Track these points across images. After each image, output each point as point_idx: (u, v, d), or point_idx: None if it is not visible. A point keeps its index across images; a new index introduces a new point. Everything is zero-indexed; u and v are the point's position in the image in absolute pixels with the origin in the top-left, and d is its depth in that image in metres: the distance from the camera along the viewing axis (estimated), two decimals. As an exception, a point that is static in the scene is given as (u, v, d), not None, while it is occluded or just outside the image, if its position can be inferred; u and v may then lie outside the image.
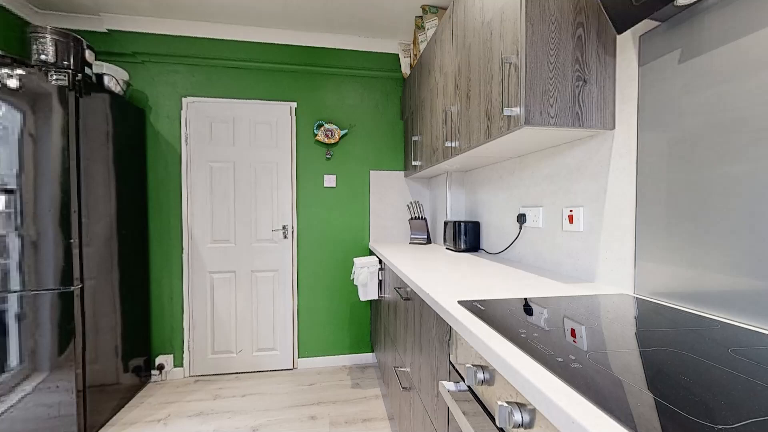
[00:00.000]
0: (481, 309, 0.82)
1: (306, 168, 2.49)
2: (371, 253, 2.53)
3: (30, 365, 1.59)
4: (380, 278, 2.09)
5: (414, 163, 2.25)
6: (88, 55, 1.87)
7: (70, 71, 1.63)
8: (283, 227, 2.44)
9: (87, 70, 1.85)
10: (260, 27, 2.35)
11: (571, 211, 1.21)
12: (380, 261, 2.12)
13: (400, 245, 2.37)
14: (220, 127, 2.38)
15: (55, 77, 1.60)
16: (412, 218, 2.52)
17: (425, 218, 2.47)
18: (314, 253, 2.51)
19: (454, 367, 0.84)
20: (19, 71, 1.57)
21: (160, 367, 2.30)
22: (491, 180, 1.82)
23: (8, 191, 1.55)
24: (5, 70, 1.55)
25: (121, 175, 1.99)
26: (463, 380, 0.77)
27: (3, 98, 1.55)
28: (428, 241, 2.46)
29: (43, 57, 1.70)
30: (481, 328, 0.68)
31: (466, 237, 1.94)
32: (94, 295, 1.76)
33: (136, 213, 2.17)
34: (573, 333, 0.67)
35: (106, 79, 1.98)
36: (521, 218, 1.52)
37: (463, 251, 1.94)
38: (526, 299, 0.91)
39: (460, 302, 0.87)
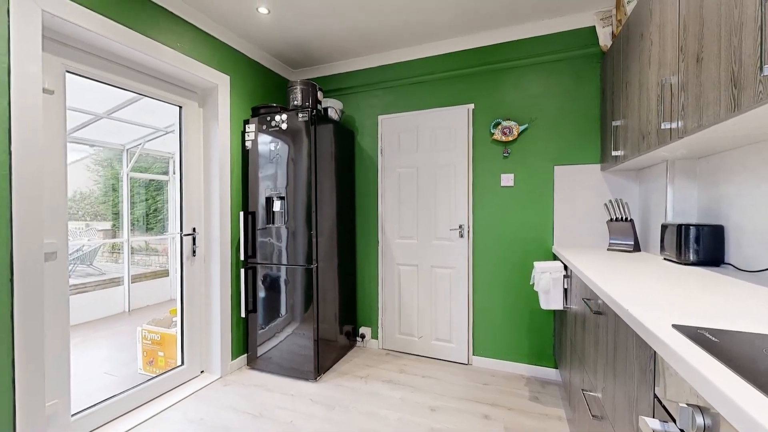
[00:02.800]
0: (711, 340, 0.63)
1: (482, 168, 2.50)
2: (555, 257, 2.28)
3: (289, 316, 2.34)
4: (565, 286, 1.85)
5: (614, 153, 1.86)
6: (320, 95, 2.55)
7: (309, 109, 2.28)
8: (460, 227, 2.54)
9: (318, 106, 2.53)
10: (437, 41, 2.54)
11: None
12: (566, 267, 1.88)
13: (593, 251, 2.02)
14: (406, 136, 2.72)
15: (301, 115, 2.28)
16: (611, 220, 2.09)
17: (631, 220, 1.99)
18: (490, 253, 2.48)
19: (660, 402, 0.68)
20: (285, 116, 2.32)
21: (362, 336, 2.86)
22: (746, 167, 1.29)
23: (281, 198, 2.35)
24: (281, 117, 2.34)
25: (338, 184, 2.61)
26: (674, 421, 0.61)
27: (279, 137, 2.34)
28: (636, 248, 1.98)
29: (295, 102, 2.45)
30: (705, 362, 0.53)
31: (699, 246, 1.45)
32: (323, 273, 2.39)
33: (348, 213, 2.78)
34: None
35: (330, 111, 2.63)
36: (808, 222, 1.01)
37: (692, 264, 1.46)
38: (804, 340, 0.62)
39: (675, 326, 0.69)
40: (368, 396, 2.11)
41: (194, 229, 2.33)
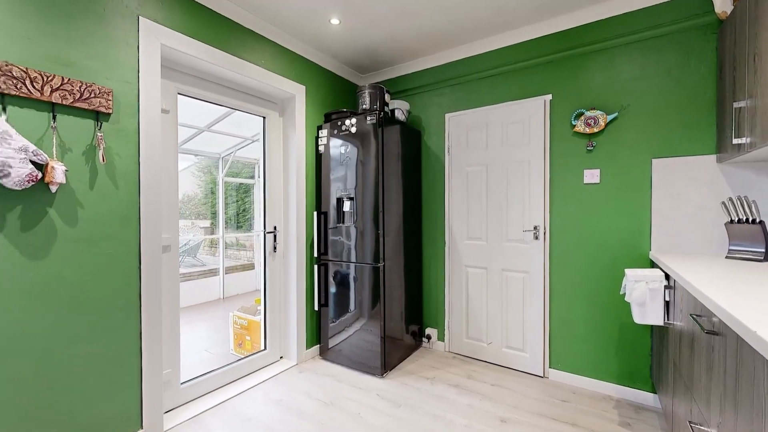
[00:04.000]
0: None
1: (561, 164, 2.28)
2: (653, 264, 1.97)
3: (358, 311, 2.43)
4: (666, 298, 1.59)
5: (736, 141, 1.54)
6: (387, 97, 2.60)
7: (376, 112, 2.34)
8: (534, 228, 2.36)
9: (385, 108, 2.58)
10: (508, 30, 2.38)
11: None
12: (667, 276, 1.62)
13: (706, 259, 1.70)
14: (475, 133, 2.62)
15: (369, 118, 2.35)
16: (732, 222, 1.74)
17: (762, 222, 1.63)
18: (570, 258, 2.26)
19: (804, 452, 0.54)
20: (354, 120, 2.42)
21: (428, 337, 2.84)
22: None
23: (351, 198, 2.45)
24: (351, 121, 2.45)
25: (405, 183, 2.63)
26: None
27: (349, 140, 2.45)
28: (767, 256, 1.61)
29: (363, 106, 2.53)
30: None
31: None
32: (390, 272, 2.43)
33: (414, 212, 2.78)
34: None
35: (396, 112, 2.66)
36: None
37: None
38: None
39: (828, 358, 0.54)
40: (434, 398, 2.09)
41: (275, 228, 2.56)
